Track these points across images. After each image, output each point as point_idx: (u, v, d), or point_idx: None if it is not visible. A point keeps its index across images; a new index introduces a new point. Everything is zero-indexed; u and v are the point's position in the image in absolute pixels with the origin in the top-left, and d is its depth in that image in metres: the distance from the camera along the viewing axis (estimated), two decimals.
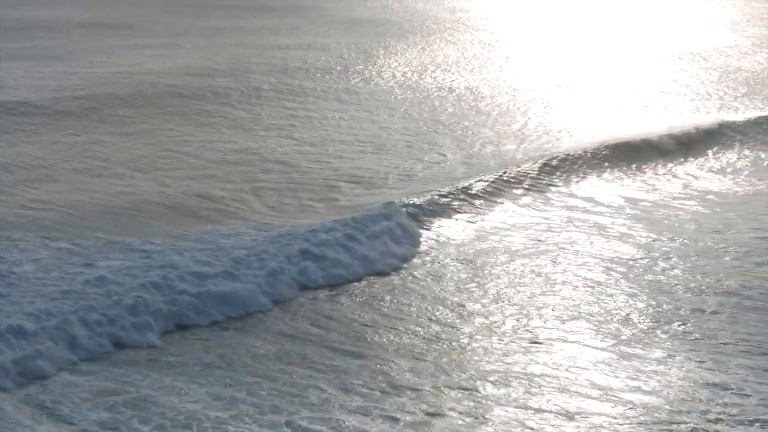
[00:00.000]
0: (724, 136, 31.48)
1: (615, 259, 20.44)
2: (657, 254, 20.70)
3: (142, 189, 24.13)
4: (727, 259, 20.49)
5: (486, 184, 24.94)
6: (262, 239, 20.20)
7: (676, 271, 19.74)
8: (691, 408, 14.27)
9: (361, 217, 21.23)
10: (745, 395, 14.62)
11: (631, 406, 14.35)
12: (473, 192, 24.32)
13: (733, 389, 14.80)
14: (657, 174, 27.48)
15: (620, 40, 52.84)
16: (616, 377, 15.24)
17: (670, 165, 28.33)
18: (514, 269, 19.76)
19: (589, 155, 28.05)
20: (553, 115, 33.85)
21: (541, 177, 26.17)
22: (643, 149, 29.20)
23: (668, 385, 14.98)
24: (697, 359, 15.84)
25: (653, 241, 21.61)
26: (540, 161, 27.14)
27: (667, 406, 14.32)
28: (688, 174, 27.62)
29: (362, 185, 25.00)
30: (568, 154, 27.87)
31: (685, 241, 21.60)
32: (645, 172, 27.50)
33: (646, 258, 20.48)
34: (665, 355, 16.01)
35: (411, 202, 22.83)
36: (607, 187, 26.02)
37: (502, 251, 20.79)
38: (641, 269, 19.86)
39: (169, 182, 24.73)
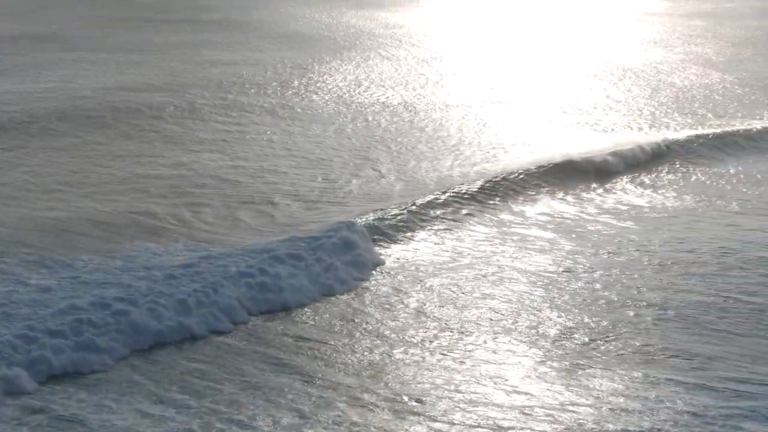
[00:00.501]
0: (658, 152, 31.77)
1: (549, 275, 20.53)
2: (592, 269, 20.82)
3: (73, 204, 23.79)
4: (649, 272, 20.66)
5: (428, 201, 24.84)
6: (198, 257, 19.85)
7: (602, 286, 19.86)
8: (625, 422, 14.34)
9: (308, 237, 21.05)
10: (677, 409, 14.71)
11: (562, 421, 14.39)
12: (417, 209, 24.13)
13: (665, 403, 14.90)
14: (590, 190, 27.65)
15: (553, 57, 53.31)
16: (548, 392, 15.27)
17: (602, 180, 28.54)
18: (454, 286, 19.69)
19: (526, 172, 28.10)
20: (488, 131, 33.99)
21: (483, 195, 26.08)
22: (577, 165, 29.38)
23: (600, 399, 15.04)
24: (627, 374, 15.92)
25: (590, 255, 21.75)
26: (482, 179, 27.06)
27: (600, 421, 14.38)
28: (619, 190, 27.85)
29: (298, 201, 24.88)
30: (508, 172, 27.87)
31: (612, 256, 21.80)
32: (579, 188, 27.65)
33: (577, 273, 20.60)
34: (596, 369, 16.07)
35: (358, 220, 22.65)
36: (545, 204, 26.06)
37: (444, 269, 20.67)
38: (575, 284, 19.96)
39: (99, 197, 24.41)
